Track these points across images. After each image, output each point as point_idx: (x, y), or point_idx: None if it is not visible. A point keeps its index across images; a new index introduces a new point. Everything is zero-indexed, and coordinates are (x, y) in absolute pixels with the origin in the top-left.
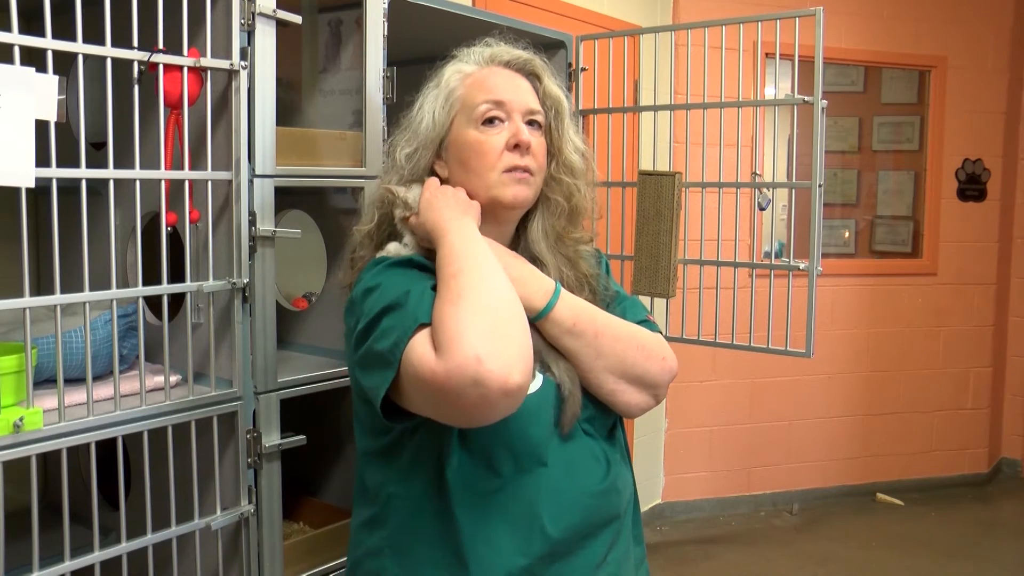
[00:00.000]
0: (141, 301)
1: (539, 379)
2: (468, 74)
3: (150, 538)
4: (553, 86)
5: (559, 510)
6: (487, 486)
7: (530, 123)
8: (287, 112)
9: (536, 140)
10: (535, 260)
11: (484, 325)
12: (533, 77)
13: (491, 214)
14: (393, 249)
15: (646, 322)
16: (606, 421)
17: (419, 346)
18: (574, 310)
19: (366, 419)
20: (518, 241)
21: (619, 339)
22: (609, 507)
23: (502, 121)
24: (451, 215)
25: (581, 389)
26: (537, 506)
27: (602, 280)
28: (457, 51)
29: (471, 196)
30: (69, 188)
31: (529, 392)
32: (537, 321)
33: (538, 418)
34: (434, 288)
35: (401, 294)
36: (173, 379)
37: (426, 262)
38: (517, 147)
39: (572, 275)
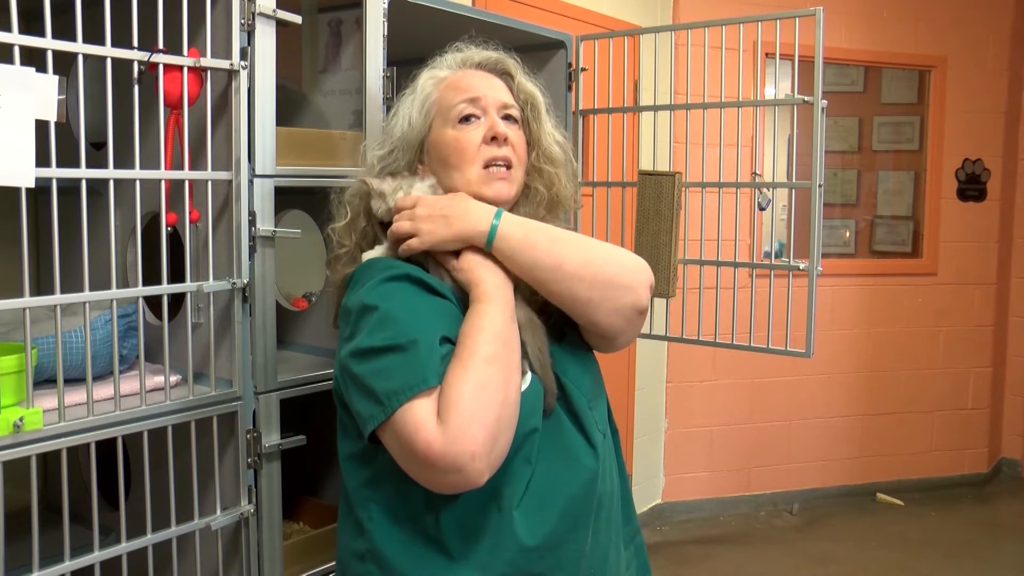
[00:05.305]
0: (141, 301)
1: (528, 378)
2: (442, 78)
3: (150, 538)
4: (526, 81)
5: (543, 504)
6: None
7: (506, 118)
8: (287, 112)
9: (514, 133)
10: None
11: (491, 425)
12: (506, 76)
13: None
14: (375, 254)
15: None
16: (595, 393)
17: (421, 410)
18: (520, 224)
19: (349, 424)
20: None
21: (577, 244)
22: (594, 494)
23: (478, 118)
24: (496, 280)
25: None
26: (522, 500)
27: None
28: (430, 59)
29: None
30: (69, 188)
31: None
32: (490, 247)
33: (532, 415)
34: (445, 339)
35: (410, 338)
36: (173, 379)
37: (423, 276)
38: (494, 139)
39: None
